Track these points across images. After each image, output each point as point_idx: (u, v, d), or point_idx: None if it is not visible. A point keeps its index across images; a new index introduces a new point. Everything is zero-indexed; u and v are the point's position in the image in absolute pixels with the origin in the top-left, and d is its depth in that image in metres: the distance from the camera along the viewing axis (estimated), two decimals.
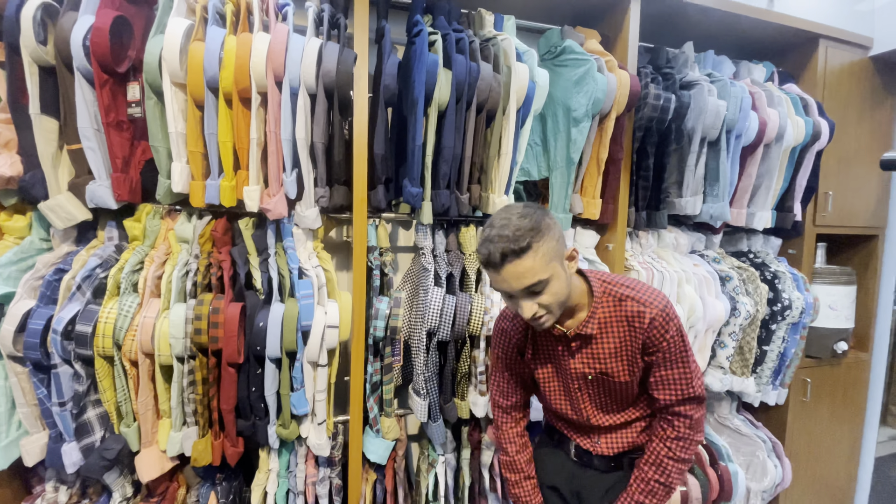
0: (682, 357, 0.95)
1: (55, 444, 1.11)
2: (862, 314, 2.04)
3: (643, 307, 0.93)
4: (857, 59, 1.89)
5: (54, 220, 1.13)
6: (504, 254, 0.81)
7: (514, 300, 0.88)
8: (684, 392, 0.96)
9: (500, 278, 0.84)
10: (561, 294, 0.87)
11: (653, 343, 0.93)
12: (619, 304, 0.95)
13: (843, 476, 2.10)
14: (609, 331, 0.97)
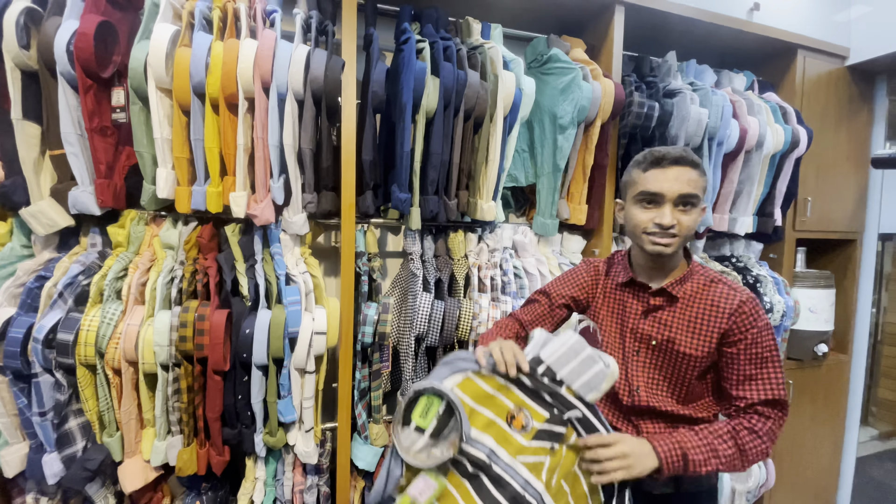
0: (771, 354, 0.88)
1: (36, 454, 1.08)
2: (841, 317, 2.09)
3: (734, 291, 0.92)
4: (834, 69, 1.94)
5: (36, 226, 1.12)
6: (681, 157, 0.89)
7: (655, 208, 0.91)
8: (771, 392, 0.87)
9: (663, 177, 0.89)
10: (693, 227, 0.91)
11: (738, 330, 0.89)
12: (710, 285, 0.95)
13: (825, 476, 2.14)
14: (692, 304, 0.94)
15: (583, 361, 0.85)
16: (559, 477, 0.83)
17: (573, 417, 0.84)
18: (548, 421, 0.84)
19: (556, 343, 0.87)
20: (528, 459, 0.82)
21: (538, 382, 0.85)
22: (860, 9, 1.96)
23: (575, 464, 0.85)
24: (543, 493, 0.82)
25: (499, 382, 0.86)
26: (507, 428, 0.84)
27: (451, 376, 0.87)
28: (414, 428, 0.82)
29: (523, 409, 0.85)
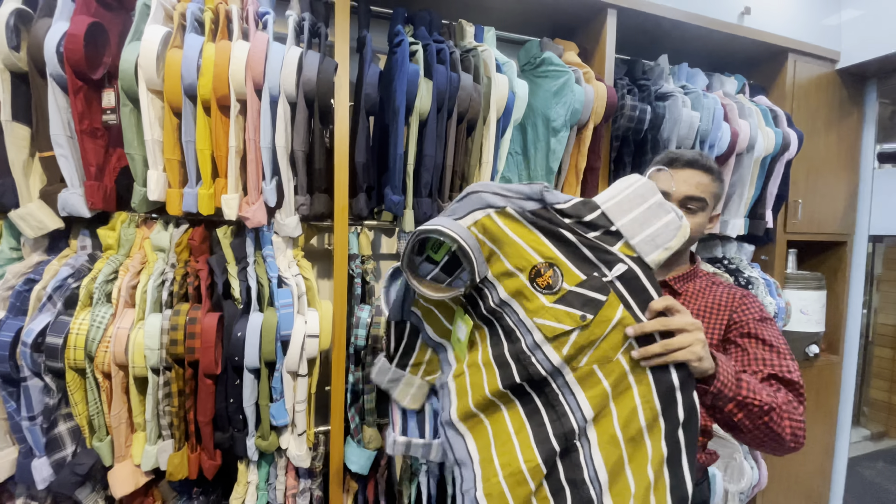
0: (780, 344, 0.84)
1: (25, 459, 1.07)
2: (832, 318, 2.11)
3: (735, 290, 0.94)
4: (824, 72, 1.96)
5: (25, 228, 1.11)
6: (695, 160, 0.92)
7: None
8: (782, 371, 0.80)
9: (675, 177, 0.92)
10: (697, 230, 0.93)
11: (740, 318, 0.88)
12: (712, 287, 0.97)
13: (817, 476, 2.16)
14: (694, 301, 0.95)
15: (650, 209, 0.66)
16: (591, 360, 0.68)
17: (616, 276, 0.66)
18: (583, 284, 0.67)
19: (617, 186, 0.69)
20: (547, 324, 0.68)
21: (582, 234, 0.68)
22: (850, 12, 1.98)
23: (620, 350, 0.67)
24: (562, 367, 0.68)
25: (528, 230, 0.70)
26: (528, 283, 0.69)
27: (469, 214, 0.72)
28: (425, 258, 0.75)
29: (554, 266, 0.69)
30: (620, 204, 0.68)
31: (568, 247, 0.69)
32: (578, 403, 0.69)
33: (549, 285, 0.69)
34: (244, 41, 1.13)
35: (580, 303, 0.67)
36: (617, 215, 0.67)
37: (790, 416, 0.75)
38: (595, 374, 0.68)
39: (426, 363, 0.87)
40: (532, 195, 0.71)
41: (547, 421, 0.70)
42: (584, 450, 0.69)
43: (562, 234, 0.69)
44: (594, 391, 0.68)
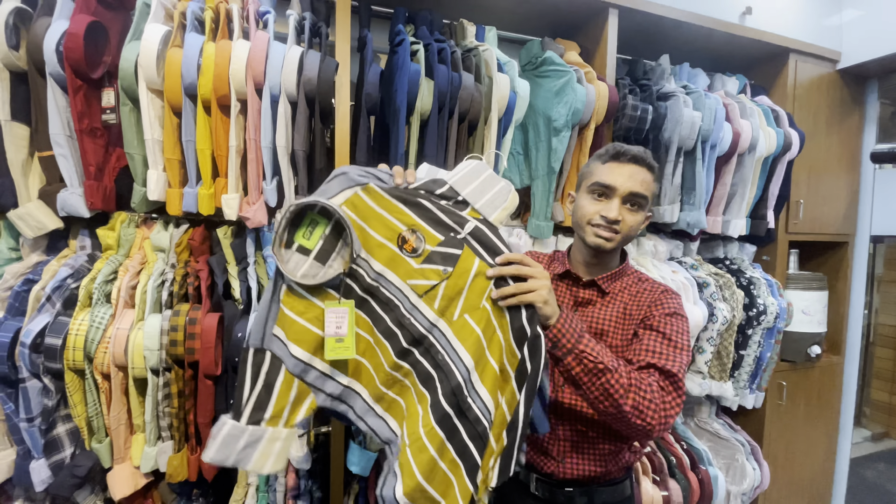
0: (677, 338, 0.87)
1: (23, 461, 1.06)
2: (834, 318, 2.10)
3: (657, 286, 0.96)
4: (825, 73, 1.96)
5: (24, 229, 1.10)
6: (639, 157, 0.91)
7: (605, 200, 0.92)
8: (668, 364, 0.83)
9: (619, 171, 0.91)
10: (636, 228, 0.93)
11: (651, 312, 0.91)
12: (639, 283, 0.98)
13: (819, 477, 2.15)
14: (618, 299, 0.97)
15: (484, 181, 0.83)
16: (463, 310, 0.79)
17: (468, 233, 0.79)
18: (442, 244, 0.79)
19: (458, 168, 0.84)
20: (418, 283, 0.78)
21: (436, 203, 0.80)
22: (851, 13, 1.98)
23: (483, 297, 0.79)
24: (438, 322, 0.79)
25: (391, 202, 0.80)
26: (397, 250, 0.79)
27: (340, 193, 0.78)
28: (297, 248, 0.76)
29: (416, 232, 0.79)
30: (463, 178, 0.82)
31: (426, 213, 0.80)
32: (459, 356, 0.78)
33: (414, 249, 0.79)
34: (245, 40, 1.12)
35: (441, 259, 0.79)
36: (461, 187, 0.82)
37: (638, 392, 0.78)
38: (468, 323, 0.78)
39: (290, 405, 0.76)
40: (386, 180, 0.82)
41: (437, 383, 0.78)
42: (476, 403, 0.77)
43: (419, 202, 0.80)
44: (470, 340, 0.78)
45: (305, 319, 0.76)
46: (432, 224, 0.80)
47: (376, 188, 0.80)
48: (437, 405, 0.77)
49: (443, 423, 0.76)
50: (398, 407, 0.80)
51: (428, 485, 0.74)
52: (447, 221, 0.80)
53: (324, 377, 0.77)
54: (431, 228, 0.80)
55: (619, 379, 0.78)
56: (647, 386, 0.80)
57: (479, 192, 0.82)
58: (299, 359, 0.75)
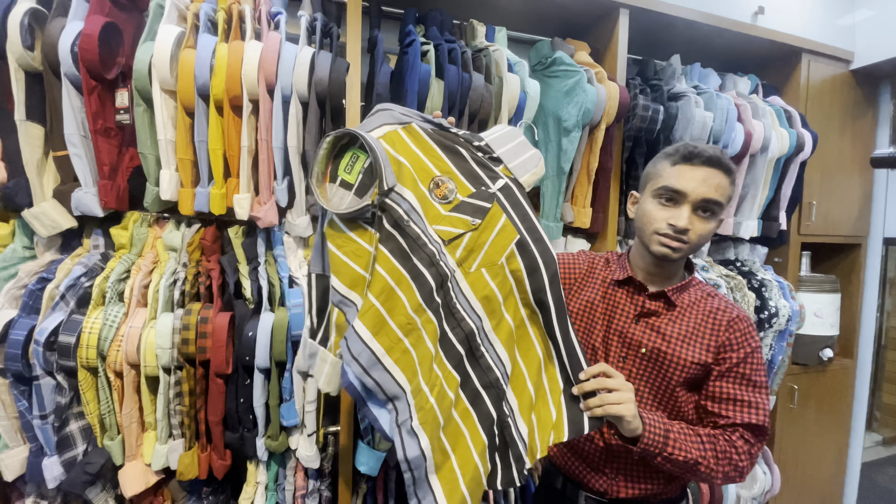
0: (760, 379, 0.84)
1: (36, 458, 1.07)
2: (846, 321, 2.08)
3: (730, 306, 0.89)
4: (838, 73, 1.94)
5: (38, 227, 1.11)
6: (714, 159, 0.83)
7: (674, 207, 0.85)
8: (756, 418, 0.82)
9: (690, 175, 0.83)
10: (707, 237, 0.87)
11: (730, 345, 0.85)
12: (708, 298, 0.91)
13: (830, 482, 2.13)
14: (689, 314, 0.89)
15: (518, 145, 0.86)
16: (480, 264, 0.78)
17: (499, 189, 0.80)
18: (473, 195, 0.79)
19: (491, 130, 0.88)
20: (444, 229, 0.77)
21: (473, 154, 0.82)
22: (864, 13, 1.95)
23: (503, 255, 0.79)
24: (455, 269, 0.77)
25: (429, 145, 0.80)
26: (427, 194, 0.78)
27: (379, 127, 0.79)
28: (339, 183, 0.76)
29: (449, 179, 0.79)
30: (498, 139, 0.85)
31: (462, 162, 0.81)
32: (472, 305, 0.78)
33: (444, 196, 0.79)
34: (257, 41, 1.13)
35: (471, 210, 0.78)
36: (497, 146, 0.85)
37: (728, 463, 0.80)
38: (483, 277, 0.79)
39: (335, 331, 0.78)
40: (430, 119, 0.83)
41: (448, 329, 0.77)
42: (490, 353, 0.79)
43: (457, 149, 0.81)
44: (484, 292, 0.78)
45: (343, 253, 0.74)
46: (465, 174, 0.81)
47: (417, 129, 0.80)
48: (452, 349, 0.76)
49: (458, 368, 0.77)
50: (409, 358, 0.73)
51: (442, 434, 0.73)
52: (480, 174, 0.81)
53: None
54: (464, 178, 0.80)
55: (708, 463, 0.80)
56: (734, 452, 0.81)
57: (512, 154, 0.84)
58: (337, 290, 0.74)
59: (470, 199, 0.79)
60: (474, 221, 0.78)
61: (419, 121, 0.82)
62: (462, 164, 0.81)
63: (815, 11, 1.92)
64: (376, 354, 0.70)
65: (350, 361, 0.69)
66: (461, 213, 0.78)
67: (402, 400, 0.71)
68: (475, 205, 0.79)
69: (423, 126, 0.81)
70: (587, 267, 1.04)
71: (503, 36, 1.46)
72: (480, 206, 0.79)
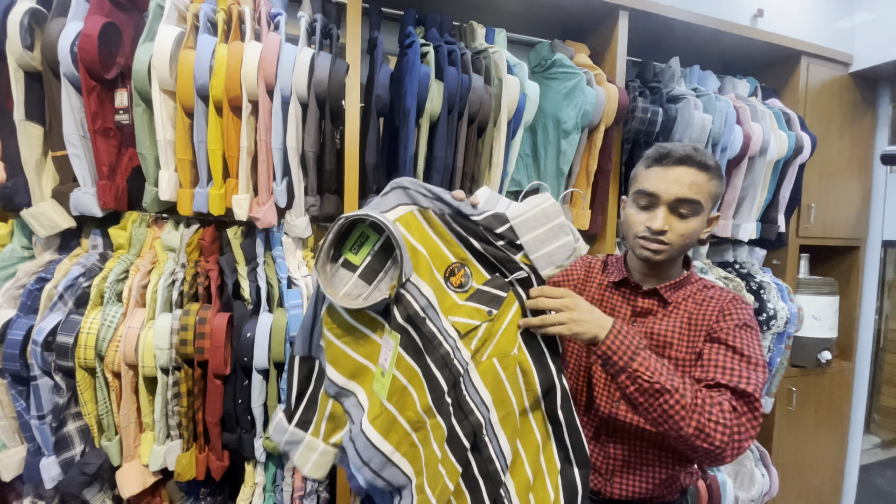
0: (750, 353, 0.79)
1: (34, 458, 1.07)
2: (844, 324, 2.08)
3: (725, 293, 0.87)
4: (837, 75, 1.94)
5: (37, 227, 1.11)
6: (688, 157, 0.81)
7: (650, 210, 0.84)
8: (740, 383, 0.75)
9: (662, 176, 0.82)
10: (691, 236, 0.84)
11: (719, 323, 0.82)
12: (704, 290, 0.89)
13: (828, 484, 2.13)
14: (682, 308, 0.88)
15: (551, 230, 0.74)
16: (491, 354, 0.74)
17: (516, 279, 0.75)
18: (489, 283, 0.75)
19: (528, 203, 0.76)
20: (460, 320, 0.73)
21: (491, 243, 0.74)
22: (863, 16, 1.96)
23: (514, 347, 0.75)
24: (469, 363, 0.73)
25: (445, 232, 0.75)
26: (442, 282, 0.73)
27: (395, 208, 0.74)
28: (342, 263, 0.72)
29: (465, 266, 0.75)
30: (527, 221, 0.75)
31: (476, 251, 0.76)
32: (482, 397, 0.74)
33: (461, 284, 0.75)
34: (256, 42, 1.13)
35: (487, 299, 0.74)
36: (523, 231, 0.75)
37: (703, 413, 0.71)
38: (494, 367, 0.74)
39: (326, 421, 0.77)
40: (451, 203, 0.76)
41: (456, 423, 0.73)
42: (493, 444, 0.75)
43: (474, 238, 0.75)
44: (494, 384, 0.74)
45: (343, 342, 0.73)
46: (482, 261, 0.76)
47: (433, 214, 0.75)
48: (458, 443, 0.73)
49: (461, 461, 0.73)
50: (416, 453, 0.72)
51: None
52: (497, 264, 0.76)
53: (360, 407, 0.73)
54: (480, 265, 0.76)
55: (679, 400, 0.71)
56: (716, 406, 0.72)
57: (539, 242, 0.75)
58: (335, 382, 0.73)
59: (486, 288, 0.75)
60: (491, 312, 0.74)
61: (436, 204, 0.76)
62: (479, 251, 0.76)
63: (814, 14, 1.92)
64: (387, 455, 0.69)
65: (361, 467, 0.68)
66: (477, 303, 0.74)
67: (406, 489, 0.72)
68: (491, 293, 0.74)
69: (440, 211, 0.76)
70: (584, 272, 1.04)
71: (503, 38, 1.46)
72: (496, 294, 0.74)
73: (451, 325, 0.73)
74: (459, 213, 0.76)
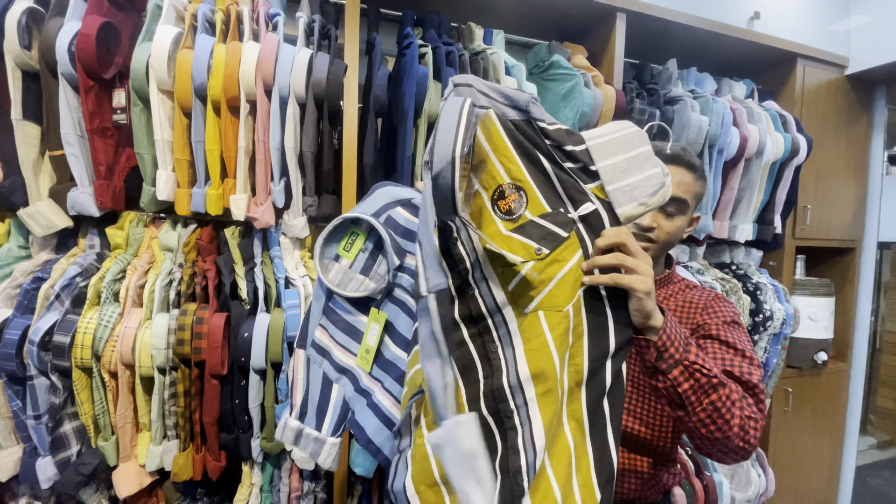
0: (746, 348, 0.77)
1: (30, 458, 1.07)
2: (840, 325, 2.09)
3: (706, 292, 0.87)
4: (833, 78, 1.96)
5: (34, 227, 1.11)
6: (677, 156, 0.82)
7: None
8: (737, 370, 0.73)
9: None
10: (676, 234, 0.85)
11: (705, 320, 0.81)
12: (686, 290, 0.90)
13: (824, 485, 2.13)
14: (665, 307, 0.79)
15: (636, 158, 0.60)
16: (539, 305, 0.60)
17: (581, 216, 0.60)
18: (546, 216, 0.61)
19: (608, 127, 0.62)
20: (498, 250, 0.58)
21: (559, 161, 0.61)
22: (859, 19, 1.97)
23: (571, 300, 0.59)
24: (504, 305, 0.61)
25: (504, 142, 0.61)
26: (488, 204, 0.62)
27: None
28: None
29: (521, 190, 0.61)
30: (607, 145, 0.61)
31: (540, 172, 0.62)
32: (515, 357, 0.60)
33: (510, 210, 0.62)
34: (255, 42, 1.13)
35: (539, 235, 0.60)
36: (600, 155, 0.61)
37: (742, 406, 0.66)
38: (539, 323, 0.60)
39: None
40: (518, 103, 0.62)
41: (480, 376, 0.61)
42: (524, 429, 0.58)
43: (538, 156, 0.62)
44: (535, 343, 0.60)
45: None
46: (543, 188, 0.62)
47: (494, 119, 0.61)
48: (476, 402, 0.60)
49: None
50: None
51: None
52: (561, 192, 0.62)
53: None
54: (540, 193, 0.61)
55: (730, 395, 0.64)
56: (747, 403, 0.67)
57: (619, 170, 0.60)
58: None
59: (541, 221, 0.61)
60: (540, 250, 0.59)
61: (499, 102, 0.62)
62: (541, 173, 0.62)
63: (810, 17, 1.94)
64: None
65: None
66: (525, 237, 0.60)
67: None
68: (546, 229, 0.60)
69: (502, 114, 0.62)
70: None
71: (501, 39, 1.46)
72: (553, 231, 0.60)
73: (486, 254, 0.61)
74: (528, 118, 0.62)
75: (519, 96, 0.62)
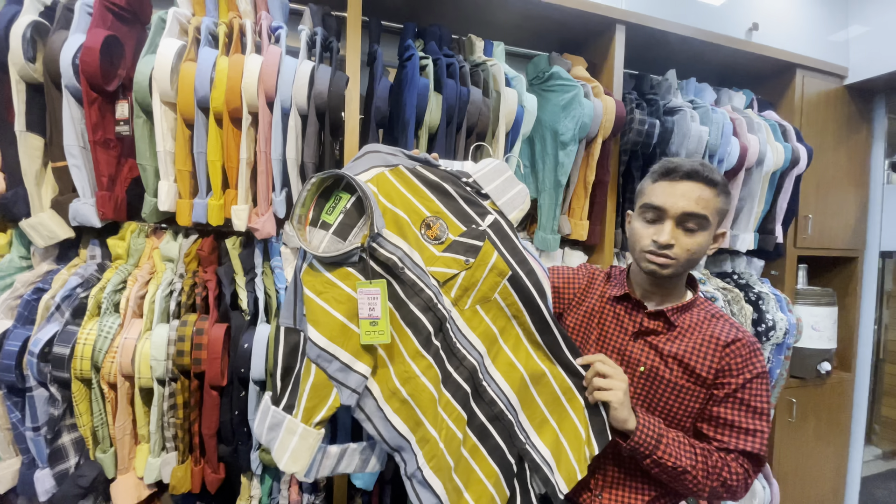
0: (762, 406, 0.82)
1: (28, 470, 1.06)
2: (844, 335, 2.08)
3: (735, 329, 0.86)
4: (832, 88, 1.96)
5: (35, 238, 1.11)
6: (695, 171, 0.82)
7: (656, 224, 0.84)
8: (752, 446, 0.81)
9: (669, 191, 0.83)
10: (697, 251, 0.83)
11: (729, 370, 0.82)
12: (711, 320, 0.88)
13: (829, 496, 2.11)
14: (689, 335, 0.86)
15: (506, 181, 0.87)
16: (475, 301, 0.81)
17: (488, 225, 0.82)
18: (464, 234, 0.80)
19: (479, 164, 0.88)
20: (439, 270, 0.78)
21: (462, 190, 0.83)
22: (858, 29, 1.98)
23: (496, 290, 0.81)
24: (451, 309, 0.79)
25: (417, 186, 0.81)
26: (420, 235, 0.79)
27: (367, 171, 0.79)
28: (320, 225, 0.76)
29: (440, 220, 0.81)
30: (487, 174, 0.87)
31: (451, 201, 0.82)
32: (471, 342, 0.81)
33: (437, 236, 0.80)
34: (257, 55, 1.14)
35: (463, 249, 0.80)
36: (485, 182, 0.86)
37: (719, 477, 0.80)
38: (478, 313, 0.81)
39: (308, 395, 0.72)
40: (418, 158, 0.85)
41: (452, 369, 0.78)
42: (491, 386, 0.82)
43: (445, 187, 0.82)
44: (481, 328, 0.81)
45: (323, 299, 0.71)
46: (455, 213, 0.82)
47: (405, 170, 0.81)
48: (459, 388, 0.78)
49: (465, 407, 0.78)
50: (409, 409, 0.73)
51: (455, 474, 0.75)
52: (469, 212, 0.82)
53: (346, 370, 0.71)
54: (454, 217, 0.82)
55: (696, 475, 0.79)
56: (731, 472, 0.80)
57: (500, 191, 0.86)
58: (315, 343, 0.70)
59: (462, 239, 0.80)
60: (468, 260, 0.79)
61: (405, 160, 0.83)
62: (451, 202, 0.82)
63: (808, 27, 1.95)
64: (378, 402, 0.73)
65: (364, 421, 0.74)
66: (454, 253, 0.79)
67: (407, 451, 0.74)
68: (467, 244, 0.80)
69: (410, 165, 0.82)
70: (587, 282, 1.04)
71: (501, 51, 1.47)
72: (472, 244, 0.80)
73: (431, 276, 0.78)
74: (428, 162, 0.84)
75: (419, 155, 0.85)
